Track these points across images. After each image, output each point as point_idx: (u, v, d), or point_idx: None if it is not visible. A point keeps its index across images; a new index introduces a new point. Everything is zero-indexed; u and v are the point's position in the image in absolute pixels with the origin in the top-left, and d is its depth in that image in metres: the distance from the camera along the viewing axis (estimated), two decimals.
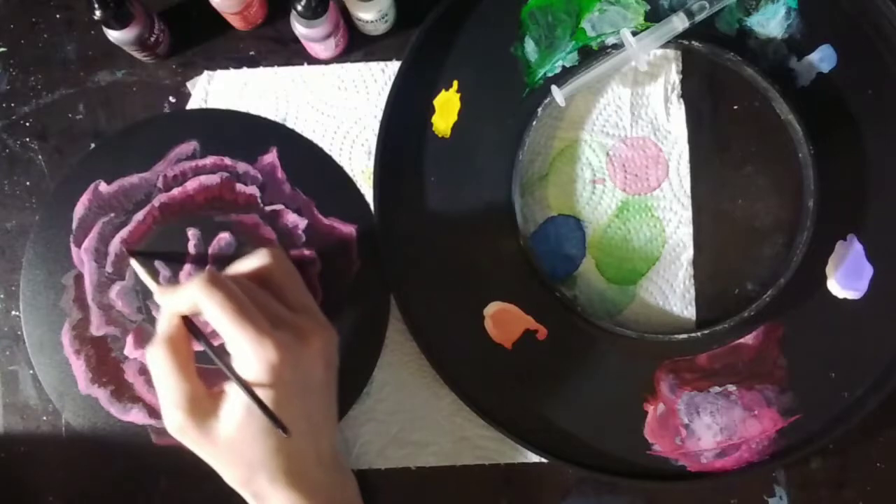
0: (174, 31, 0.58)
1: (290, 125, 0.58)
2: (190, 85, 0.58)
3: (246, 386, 0.44)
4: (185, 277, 0.56)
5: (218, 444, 0.45)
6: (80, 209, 0.57)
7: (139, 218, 0.57)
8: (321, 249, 0.57)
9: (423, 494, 0.58)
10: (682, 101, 0.57)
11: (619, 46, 0.56)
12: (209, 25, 0.58)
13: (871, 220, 0.56)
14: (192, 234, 0.57)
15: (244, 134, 0.57)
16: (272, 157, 0.57)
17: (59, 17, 0.59)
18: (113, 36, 0.54)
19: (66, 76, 0.59)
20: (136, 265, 0.55)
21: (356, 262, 0.57)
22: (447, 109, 0.57)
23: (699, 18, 0.56)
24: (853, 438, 0.57)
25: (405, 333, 0.57)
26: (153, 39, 0.55)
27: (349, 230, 0.57)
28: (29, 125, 0.59)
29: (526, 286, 0.56)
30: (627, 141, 0.58)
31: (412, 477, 0.58)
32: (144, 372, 0.57)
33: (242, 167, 0.57)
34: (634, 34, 0.55)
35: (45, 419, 0.58)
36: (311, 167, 0.57)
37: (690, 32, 0.56)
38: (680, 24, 0.55)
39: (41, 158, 0.59)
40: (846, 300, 0.56)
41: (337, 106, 0.58)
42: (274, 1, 0.58)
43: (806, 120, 0.55)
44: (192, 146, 0.57)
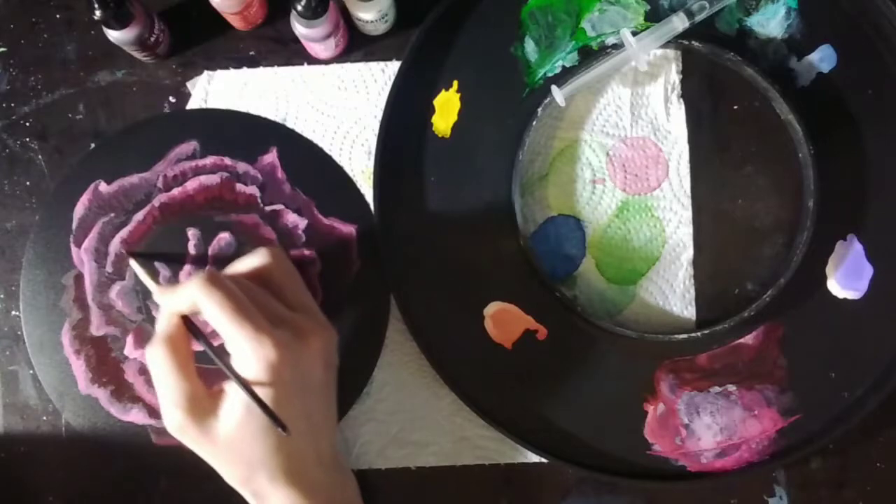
0: (174, 31, 0.58)
1: (290, 125, 0.58)
2: (190, 85, 0.58)
3: (245, 385, 0.44)
4: (184, 277, 0.56)
5: (217, 443, 0.45)
6: (80, 209, 0.57)
7: (139, 218, 0.57)
8: (321, 249, 0.57)
9: (423, 494, 0.58)
10: (682, 101, 0.57)
11: (619, 46, 0.56)
12: (209, 25, 0.58)
13: (871, 220, 0.56)
14: (192, 234, 0.57)
15: (244, 134, 0.57)
16: (272, 157, 0.57)
17: (59, 17, 0.59)
18: (113, 36, 0.54)
19: (66, 76, 0.59)
20: (135, 266, 0.55)
21: (356, 262, 0.57)
22: (447, 109, 0.57)
23: (699, 18, 0.55)
24: (853, 438, 0.57)
25: (405, 333, 0.57)
26: (153, 39, 0.55)
27: (349, 230, 0.57)
28: (29, 125, 0.59)
29: (526, 286, 0.56)
30: (627, 141, 0.58)
31: (412, 477, 0.57)
32: (144, 372, 0.57)
33: (242, 167, 0.57)
34: (634, 34, 0.55)
35: (45, 419, 0.58)
36: (311, 167, 0.57)
37: (690, 32, 0.56)
38: (680, 24, 0.55)
39: (41, 158, 0.59)
40: (846, 300, 0.56)
41: (337, 106, 0.58)
42: (274, 1, 0.58)
43: (806, 120, 0.55)
44: (192, 146, 0.57)
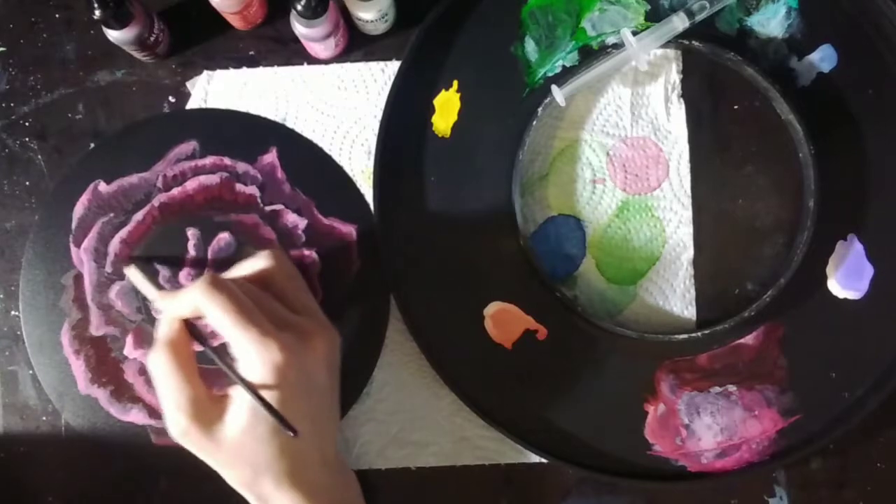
0: (174, 30, 0.58)
1: (289, 125, 0.58)
2: (189, 85, 0.58)
3: (252, 388, 0.43)
4: (184, 277, 0.56)
5: (222, 447, 0.44)
6: (79, 209, 0.57)
7: (139, 218, 0.57)
8: (321, 249, 0.57)
9: (423, 494, 0.58)
10: (682, 100, 0.57)
11: (619, 46, 0.56)
12: (209, 25, 0.58)
13: (871, 220, 0.56)
14: (191, 234, 0.56)
15: (244, 134, 0.57)
16: (272, 156, 0.57)
17: (58, 16, 0.59)
18: (112, 36, 0.53)
19: (65, 76, 0.59)
20: (134, 276, 0.52)
21: (356, 262, 0.57)
22: (447, 109, 0.57)
23: (699, 18, 0.55)
24: (853, 438, 0.57)
25: (405, 333, 0.57)
26: (153, 39, 0.55)
27: (349, 230, 0.57)
28: (28, 125, 0.59)
29: (526, 286, 0.56)
30: (628, 141, 0.57)
31: (412, 477, 0.57)
32: (144, 372, 0.56)
33: (242, 167, 0.57)
34: (635, 34, 0.55)
35: (44, 419, 0.58)
36: (311, 167, 0.57)
37: (691, 32, 0.56)
38: (680, 23, 0.55)
39: (41, 158, 0.58)
40: (846, 300, 0.56)
41: (337, 106, 0.58)
42: (274, 1, 0.58)
43: (806, 120, 0.55)
44: (191, 146, 0.57)
